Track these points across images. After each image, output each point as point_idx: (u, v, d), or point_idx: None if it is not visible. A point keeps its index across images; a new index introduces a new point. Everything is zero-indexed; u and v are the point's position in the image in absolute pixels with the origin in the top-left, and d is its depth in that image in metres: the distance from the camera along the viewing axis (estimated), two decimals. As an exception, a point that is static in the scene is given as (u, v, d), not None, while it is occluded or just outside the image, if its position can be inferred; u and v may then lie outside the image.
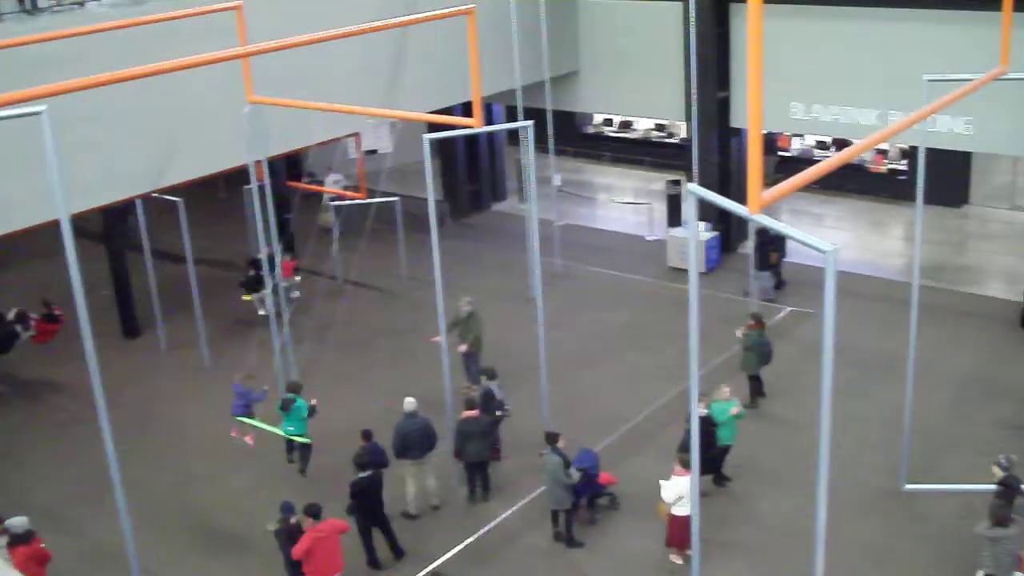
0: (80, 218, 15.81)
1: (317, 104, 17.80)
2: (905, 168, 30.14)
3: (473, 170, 31.91)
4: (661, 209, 29.28)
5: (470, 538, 16.36)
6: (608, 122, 36.79)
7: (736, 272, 25.37)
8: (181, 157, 20.07)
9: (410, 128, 33.22)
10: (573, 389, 20.18)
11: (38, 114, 10.85)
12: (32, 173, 13.94)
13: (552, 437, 15.82)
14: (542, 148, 24.53)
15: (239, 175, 21.56)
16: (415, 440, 16.47)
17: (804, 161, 30.45)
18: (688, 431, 12.91)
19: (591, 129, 37.17)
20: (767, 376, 19.76)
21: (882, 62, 23.12)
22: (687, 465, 13.41)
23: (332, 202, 28.17)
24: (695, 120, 25.04)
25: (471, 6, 14.67)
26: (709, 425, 16.23)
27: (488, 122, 28.31)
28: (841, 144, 29.40)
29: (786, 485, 16.91)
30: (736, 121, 26.32)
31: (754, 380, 19.68)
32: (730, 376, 19.53)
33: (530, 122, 17.38)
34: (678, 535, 14.85)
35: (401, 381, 19.86)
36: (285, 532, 14.43)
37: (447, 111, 23.65)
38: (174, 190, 20.95)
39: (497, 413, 17.49)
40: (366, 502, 15.36)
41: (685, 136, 28.40)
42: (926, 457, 17.21)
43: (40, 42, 15.41)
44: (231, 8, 17.25)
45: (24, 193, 16.91)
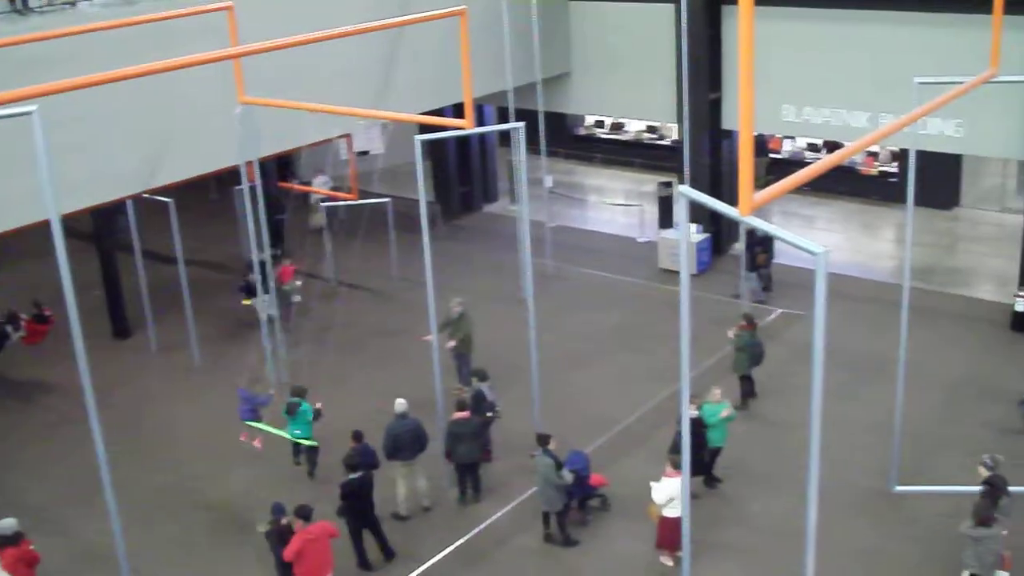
0: (70, 218, 15.79)
1: (309, 105, 17.78)
2: (896, 170, 30.20)
3: (464, 171, 31.91)
4: (652, 211, 29.34)
5: (461, 539, 16.35)
6: (600, 124, 36.83)
7: (727, 274, 25.40)
8: (172, 158, 20.04)
9: (401, 129, 33.30)
10: (564, 391, 20.17)
11: (28, 114, 10.82)
12: (22, 173, 13.90)
13: (544, 439, 15.82)
14: (534, 150, 24.56)
15: (231, 176, 21.55)
16: (406, 441, 16.46)
17: (795, 163, 30.43)
18: (679, 432, 12.91)
19: (583, 131, 37.21)
20: (758, 377, 19.80)
21: (873, 65, 23.18)
22: (678, 466, 13.42)
23: (323, 203, 28.14)
24: (687, 122, 25.07)
25: (463, 7, 14.67)
26: (700, 427, 16.26)
27: (480, 123, 28.31)
28: (832, 146, 29.48)
29: (777, 486, 16.93)
30: (727, 123, 26.37)
31: (745, 380, 19.71)
32: (721, 377, 19.55)
33: (521, 123, 17.39)
34: (669, 537, 14.84)
35: (392, 382, 19.84)
36: (276, 533, 14.40)
37: (438, 112, 23.61)
38: (165, 191, 20.91)
39: (488, 414, 17.50)
40: (356, 503, 15.33)
41: (676, 138, 28.41)
42: (916, 459, 17.24)
43: (31, 42, 15.38)
44: (223, 8, 17.23)
45: (14, 193, 16.86)
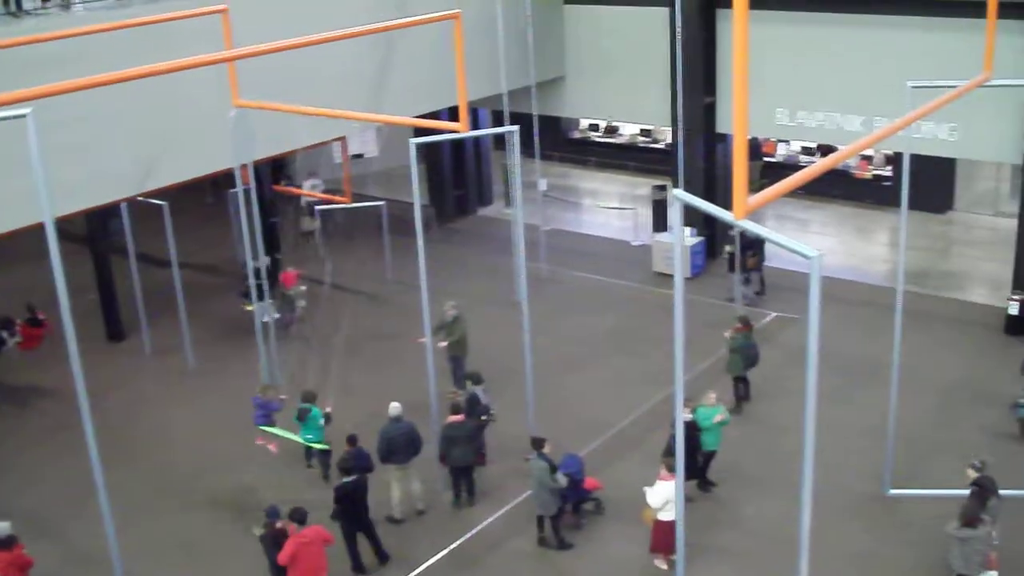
0: (64, 221, 15.76)
1: (303, 108, 17.75)
2: (890, 174, 30.26)
3: (459, 175, 31.91)
4: (647, 214, 29.34)
5: (455, 543, 16.34)
6: (594, 127, 36.87)
7: (721, 277, 25.40)
8: (167, 160, 20.01)
9: (396, 132, 33.31)
10: (558, 394, 20.17)
11: (23, 117, 10.81)
12: (17, 176, 13.89)
13: (538, 442, 15.82)
14: (528, 153, 24.54)
15: (226, 179, 21.52)
16: (400, 445, 16.45)
17: (789, 167, 30.53)
18: (673, 436, 12.92)
19: (577, 134, 37.26)
20: (753, 380, 19.81)
21: (867, 69, 23.21)
22: (672, 469, 13.42)
23: (318, 206, 28.11)
24: (681, 125, 25.09)
25: (457, 11, 14.67)
26: (694, 430, 16.28)
27: (474, 127, 28.34)
28: (826, 150, 29.54)
29: (771, 490, 16.94)
30: (722, 127, 26.38)
31: (739, 382, 19.74)
32: (716, 380, 19.60)
33: (516, 127, 17.38)
34: (663, 540, 14.83)
35: (386, 386, 19.80)
36: (270, 537, 14.39)
37: (433, 115, 23.62)
38: (160, 193, 20.88)
39: (482, 418, 17.49)
40: (351, 507, 15.32)
41: (671, 141, 28.41)
42: (910, 462, 17.27)
43: (25, 45, 15.35)
44: (217, 11, 17.20)
45: (8, 196, 16.83)
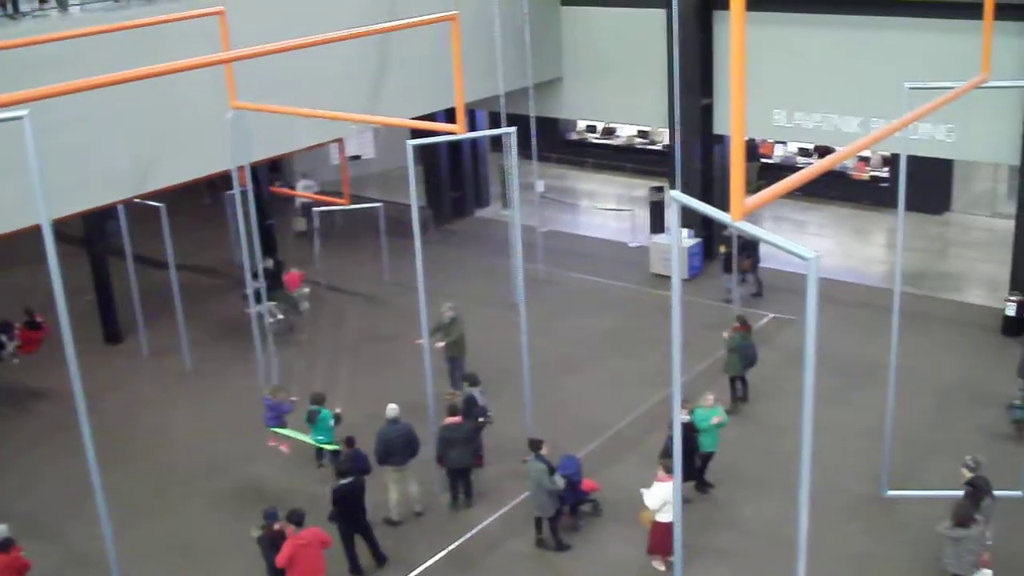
0: (62, 223, 15.76)
1: (300, 110, 17.76)
2: (887, 175, 30.26)
3: (456, 176, 31.88)
4: (644, 216, 29.35)
5: (452, 544, 16.33)
6: (591, 128, 36.88)
7: (719, 279, 25.41)
8: (164, 162, 20.01)
9: (393, 134, 33.34)
10: (556, 395, 20.17)
11: (19, 119, 10.80)
12: (13, 177, 13.89)
13: (536, 444, 15.82)
14: (525, 154, 24.56)
15: (223, 180, 21.52)
16: (397, 446, 16.43)
17: (787, 168, 30.49)
18: (671, 437, 12.92)
19: (574, 135, 37.26)
20: (751, 380, 19.82)
21: (864, 70, 23.22)
22: (670, 470, 13.42)
23: (315, 207, 28.12)
24: (678, 127, 25.10)
25: (454, 12, 14.68)
26: (691, 431, 16.27)
27: (471, 128, 28.36)
28: (823, 151, 29.55)
29: (768, 491, 16.94)
30: (719, 128, 26.40)
31: (736, 382, 19.76)
32: (713, 382, 19.62)
33: (513, 128, 17.38)
34: (661, 542, 14.83)
35: (384, 387, 19.78)
36: (268, 539, 14.38)
37: (430, 117, 23.62)
38: (157, 195, 20.87)
39: (480, 419, 17.48)
40: (348, 509, 15.32)
41: (668, 143, 28.44)
42: (907, 464, 17.28)
43: (22, 47, 15.36)
44: (214, 13, 17.21)
45: (5, 198, 16.82)
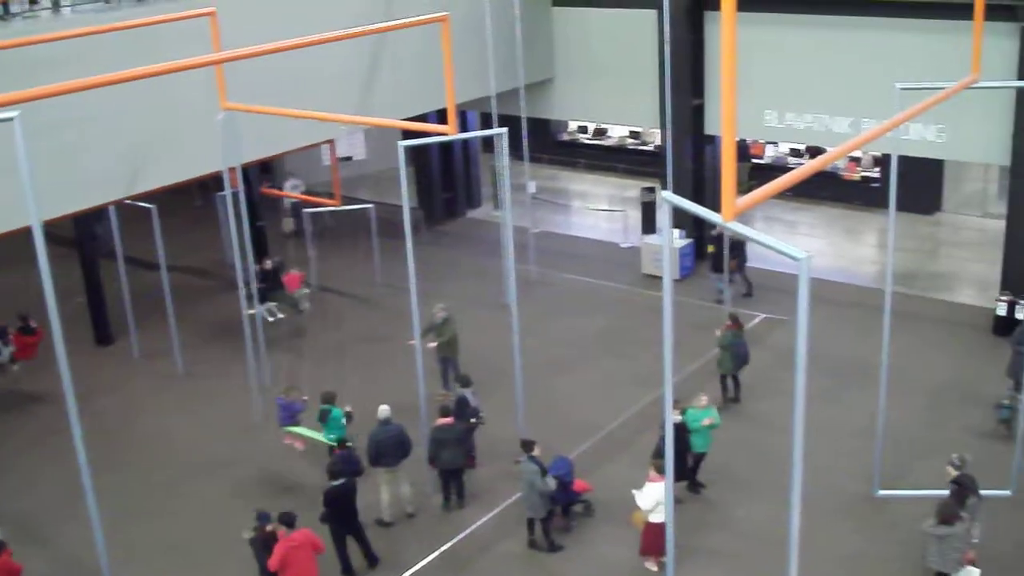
0: (52, 224, 15.71)
1: (291, 111, 17.74)
2: (878, 176, 30.33)
3: (448, 177, 31.88)
4: (635, 216, 29.37)
5: (445, 545, 16.33)
6: (583, 129, 36.90)
7: (708, 279, 25.40)
8: (155, 164, 19.96)
9: (385, 135, 33.34)
10: (548, 396, 20.17)
11: (10, 120, 10.77)
12: (3, 179, 13.83)
13: (528, 445, 15.81)
14: (517, 155, 24.54)
15: (215, 182, 21.48)
16: (389, 447, 16.43)
17: (778, 168, 30.57)
18: (663, 437, 12.93)
19: (566, 136, 37.28)
20: (743, 380, 19.84)
21: (855, 71, 23.26)
22: (661, 471, 13.42)
23: (306, 209, 28.10)
24: (669, 127, 25.11)
25: (446, 13, 14.67)
26: (683, 432, 16.28)
27: (463, 129, 28.34)
28: (815, 152, 29.58)
29: (761, 491, 16.95)
30: (710, 128, 26.43)
31: (728, 380, 19.82)
32: (706, 382, 19.64)
33: (504, 129, 17.38)
34: (653, 543, 14.82)
35: (375, 388, 19.78)
36: (261, 540, 14.36)
37: (422, 118, 23.62)
38: (148, 196, 20.81)
39: (472, 420, 17.48)
40: (340, 510, 15.30)
41: (659, 143, 28.46)
42: (899, 463, 17.31)
43: (12, 48, 15.32)
44: (205, 14, 17.19)
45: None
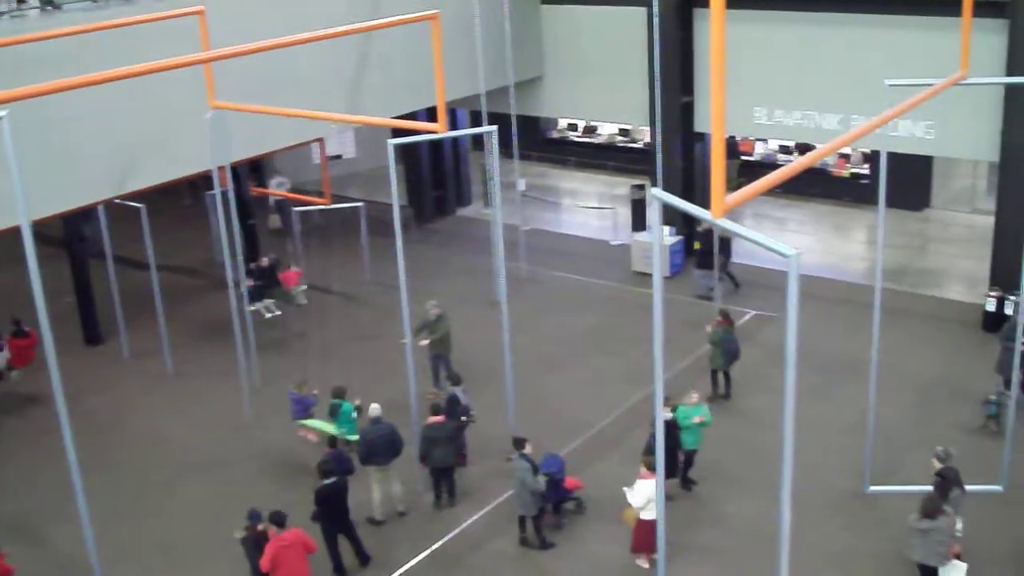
0: (41, 224, 15.68)
1: (281, 109, 17.73)
2: (867, 172, 30.40)
3: (438, 175, 31.87)
4: (625, 214, 29.42)
5: (436, 544, 16.32)
6: (572, 127, 36.90)
7: (693, 275, 25.43)
8: (144, 163, 19.93)
9: (374, 133, 33.31)
10: (538, 394, 20.17)
11: (-2, 119, 10.76)
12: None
13: (520, 442, 15.82)
14: (507, 153, 24.58)
15: (205, 181, 21.45)
16: (380, 446, 16.42)
17: (767, 165, 30.64)
18: (653, 435, 12.94)
19: (555, 134, 37.28)
20: (733, 377, 19.88)
21: (844, 67, 23.32)
22: (652, 468, 13.44)
23: (292, 206, 28.08)
24: (659, 125, 25.15)
25: (435, 11, 14.67)
26: (674, 429, 16.29)
27: (452, 127, 28.33)
28: (804, 149, 29.64)
29: (752, 488, 16.97)
30: (700, 126, 26.47)
31: (719, 376, 19.86)
32: (696, 379, 19.66)
33: (494, 127, 17.39)
34: (644, 540, 14.84)
35: (366, 387, 19.76)
36: (252, 540, 14.36)
37: (411, 116, 23.61)
38: (137, 196, 20.78)
39: (462, 418, 17.49)
40: (331, 509, 15.29)
41: (649, 141, 28.48)
42: (889, 459, 17.35)
43: (0, 47, 15.29)
44: (194, 13, 17.16)
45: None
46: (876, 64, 21.48)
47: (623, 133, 35.73)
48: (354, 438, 17.70)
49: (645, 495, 14.60)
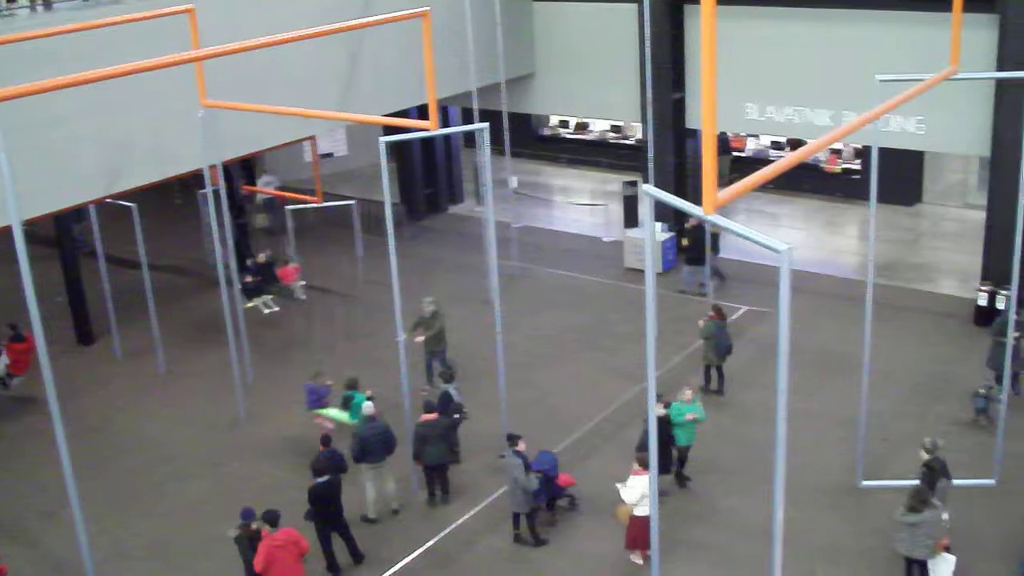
0: (32, 223, 15.65)
1: (272, 108, 17.70)
2: (859, 167, 30.42)
3: (429, 173, 31.82)
4: (617, 210, 29.42)
5: (430, 541, 16.31)
6: (564, 124, 36.89)
7: (681, 271, 25.45)
8: (135, 162, 19.90)
9: (366, 131, 33.26)
10: (531, 391, 20.19)
11: (-12, 119, 10.74)
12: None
13: (513, 439, 15.82)
14: (498, 150, 24.55)
15: (195, 179, 21.41)
16: (374, 444, 16.41)
17: (759, 161, 30.67)
18: (646, 431, 12.94)
19: (547, 131, 37.26)
20: (726, 372, 19.89)
21: (836, 63, 23.34)
22: (646, 464, 13.44)
23: (283, 204, 28.05)
24: (650, 121, 25.16)
25: (426, 8, 14.65)
26: (667, 425, 16.31)
27: (444, 124, 28.33)
28: (795, 144, 29.65)
29: (745, 483, 17.00)
30: (691, 122, 26.49)
31: (711, 371, 19.89)
32: (689, 374, 19.67)
33: (486, 124, 17.38)
34: (638, 536, 14.84)
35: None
36: (246, 539, 14.34)
37: (403, 114, 23.59)
38: (129, 195, 20.73)
39: (455, 415, 17.48)
40: (324, 507, 15.28)
41: (640, 137, 28.48)
42: (882, 453, 17.38)
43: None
44: (184, 11, 17.13)
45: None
46: (867, 59, 21.48)
47: (615, 130, 35.74)
48: None
49: (638, 491, 14.60)
